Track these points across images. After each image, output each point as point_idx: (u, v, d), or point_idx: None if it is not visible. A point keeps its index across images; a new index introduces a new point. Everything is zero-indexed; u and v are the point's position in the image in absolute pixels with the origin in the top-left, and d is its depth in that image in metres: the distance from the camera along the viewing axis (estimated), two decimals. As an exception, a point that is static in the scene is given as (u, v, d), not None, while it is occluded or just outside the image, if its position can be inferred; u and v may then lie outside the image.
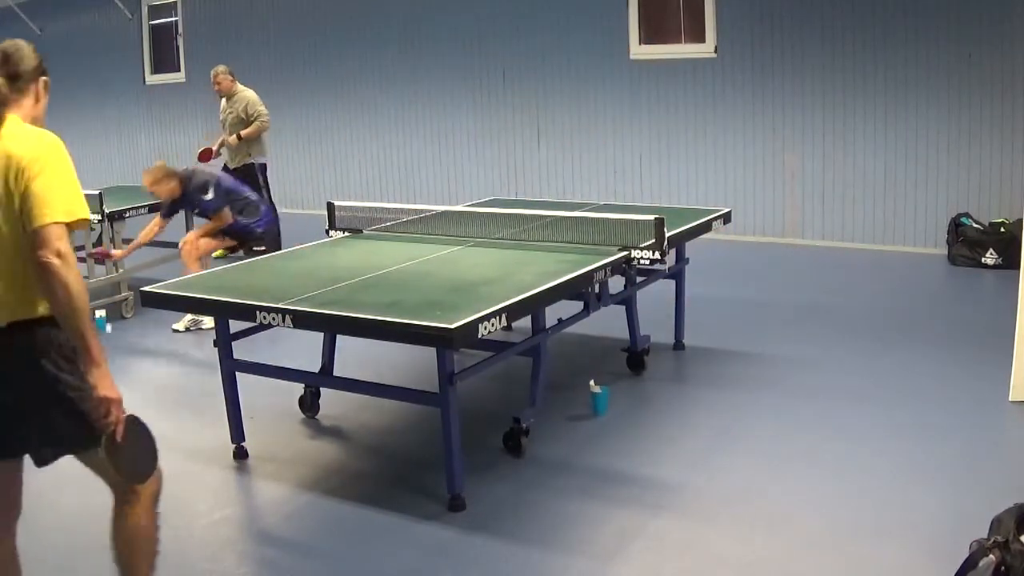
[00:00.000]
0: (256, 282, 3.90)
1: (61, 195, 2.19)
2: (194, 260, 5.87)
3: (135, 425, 2.36)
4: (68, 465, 2.37)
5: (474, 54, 9.22)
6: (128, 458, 2.34)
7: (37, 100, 2.39)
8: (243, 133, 7.59)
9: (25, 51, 2.37)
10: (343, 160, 10.43)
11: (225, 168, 7.79)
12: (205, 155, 7.81)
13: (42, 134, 2.26)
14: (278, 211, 7.86)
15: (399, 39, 9.64)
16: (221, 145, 7.86)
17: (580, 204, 5.96)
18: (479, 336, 3.09)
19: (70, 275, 2.16)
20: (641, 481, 3.58)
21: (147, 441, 2.43)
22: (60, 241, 2.16)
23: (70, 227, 2.21)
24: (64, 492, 3.40)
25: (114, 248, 6.30)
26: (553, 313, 4.04)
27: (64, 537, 3.27)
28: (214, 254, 7.77)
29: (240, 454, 3.93)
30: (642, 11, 8.30)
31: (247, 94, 7.72)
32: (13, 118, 2.27)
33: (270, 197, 7.77)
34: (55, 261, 2.15)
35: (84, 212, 2.24)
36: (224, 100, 7.79)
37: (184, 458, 3.89)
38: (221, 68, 7.75)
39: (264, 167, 7.83)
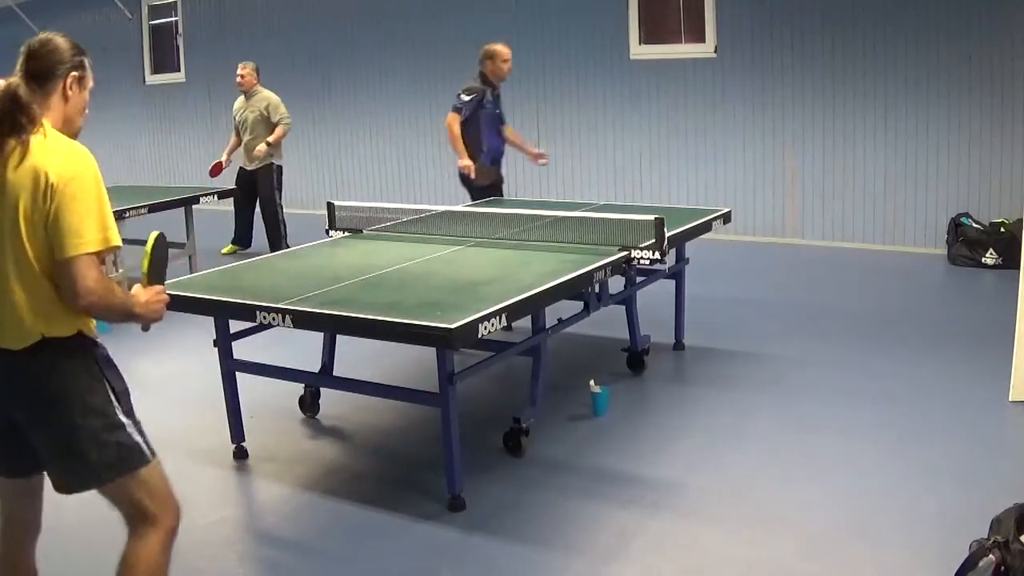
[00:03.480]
0: (256, 282, 3.90)
1: (93, 222, 2.10)
2: None
3: (163, 242, 2.43)
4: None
5: (474, 54, 9.19)
6: (157, 270, 2.40)
7: (66, 98, 2.24)
8: (272, 139, 7.57)
9: (53, 45, 2.23)
10: (343, 160, 10.43)
11: (242, 171, 7.77)
12: (216, 169, 7.83)
13: (72, 149, 2.14)
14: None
15: (399, 39, 9.64)
16: (232, 152, 7.86)
17: (580, 204, 5.96)
18: (479, 336, 3.09)
19: (105, 303, 2.16)
20: (641, 481, 3.58)
21: (165, 256, 2.49)
22: (91, 271, 2.11)
23: (101, 254, 2.14)
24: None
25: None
26: (553, 313, 4.04)
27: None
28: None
29: (240, 454, 3.93)
30: (642, 11, 8.30)
31: (269, 95, 7.70)
32: (44, 124, 2.15)
33: (279, 201, 7.77)
34: (91, 299, 2.12)
35: (116, 238, 2.16)
36: (242, 97, 7.75)
37: (184, 458, 3.89)
38: (250, 64, 7.73)
39: (280, 169, 7.83)
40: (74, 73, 2.25)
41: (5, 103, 2.12)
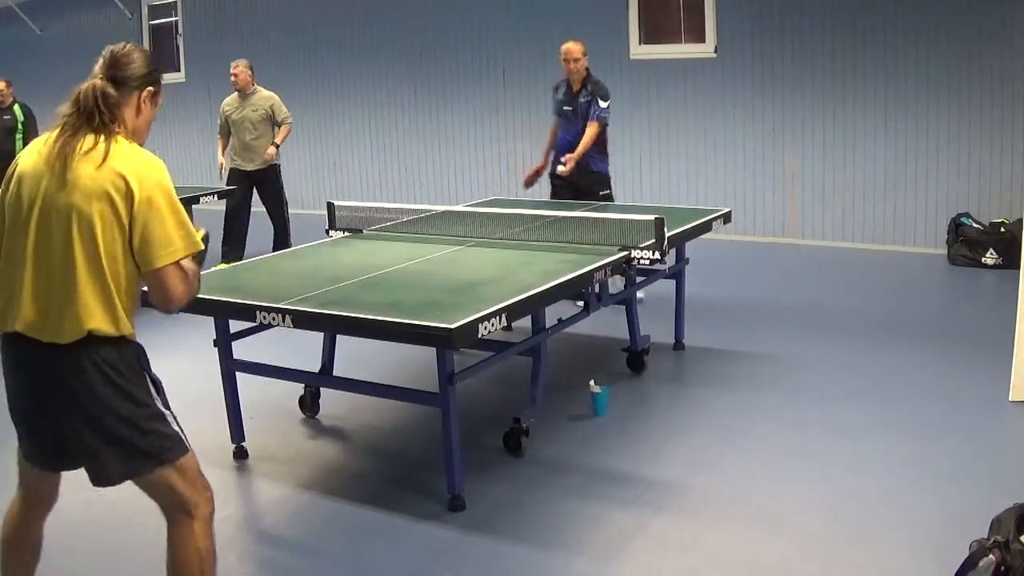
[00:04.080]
0: (256, 282, 3.90)
1: (178, 230, 2.20)
2: None
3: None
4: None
5: (474, 54, 9.22)
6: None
7: (139, 111, 2.29)
8: (279, 140, 7.52)
9: (134, 56, 2.28)
10: (343, 160, 10.43)
11: (239, 172, 7.70)
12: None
13: (149, 159, 2.21)
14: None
15: (399, 40, 9.64)
16: (224, 149, 7.80)
17: (580, 204, 5.96)
18: (479, 336, 3.09)
19: (193, 295, 2.28)
20: (641, 481, 3.58)
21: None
22: (179, 273, 2.22)
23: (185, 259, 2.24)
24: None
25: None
26: (553, 313, 4.04)
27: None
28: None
29: (240, 454, 3.93)
30: (642, 11, 8.30)
31: (271, 94, 7.61)
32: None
33: (285, 199, 7.75)
34: (185, 300, 2.25)
35: (197, 239, 2.26)
36: (236, 95, 7.67)
37: (184, 458, 3.88)
38: (243, 61, 7.63)
39: (279, 168, 7.79)
40: (150, 88, 2.31)
41: (93, 100, 2.19)
